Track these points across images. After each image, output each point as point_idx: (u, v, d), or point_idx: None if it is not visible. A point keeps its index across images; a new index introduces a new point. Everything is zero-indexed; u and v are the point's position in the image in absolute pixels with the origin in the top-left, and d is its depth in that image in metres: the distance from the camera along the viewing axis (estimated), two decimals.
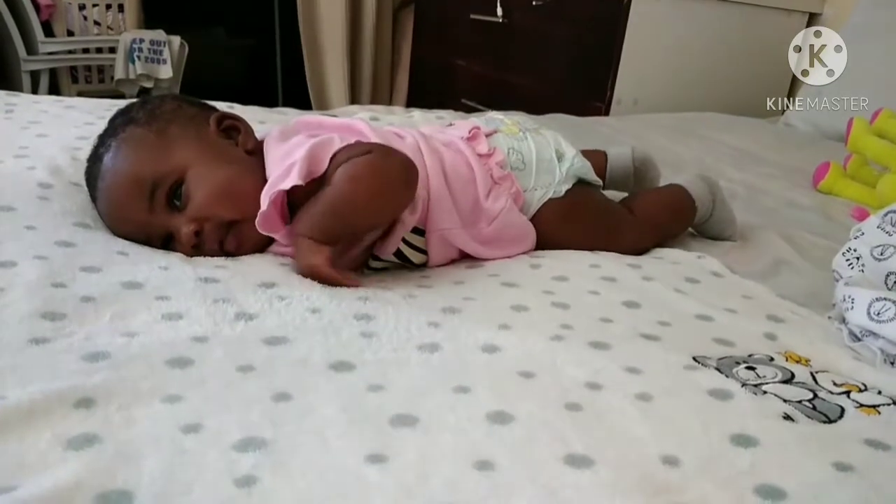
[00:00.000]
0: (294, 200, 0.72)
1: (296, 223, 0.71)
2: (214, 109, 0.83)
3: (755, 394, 0.54)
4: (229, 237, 0.73)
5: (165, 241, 0.74)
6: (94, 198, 0.77)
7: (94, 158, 0.77)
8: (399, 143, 0.79)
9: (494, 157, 0.83)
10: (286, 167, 0.71)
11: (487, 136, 0.85)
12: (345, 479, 0.42)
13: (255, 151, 0.78)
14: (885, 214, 0.77)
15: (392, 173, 0.72)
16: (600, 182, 0.92)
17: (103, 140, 0.77)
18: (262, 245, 0.75)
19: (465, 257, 0.82)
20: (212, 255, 0.72)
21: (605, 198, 0.92)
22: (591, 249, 0.83)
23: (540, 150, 0.85)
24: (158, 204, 0.73)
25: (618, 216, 0.90)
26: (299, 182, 0.69)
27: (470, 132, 0.85)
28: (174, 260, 0.69)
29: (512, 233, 0.81)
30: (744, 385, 0.55)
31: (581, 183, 0.87)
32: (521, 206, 0.83)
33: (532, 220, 0.83)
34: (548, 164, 0.85)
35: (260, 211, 0.69)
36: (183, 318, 0.58)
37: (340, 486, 0.42)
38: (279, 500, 0.40)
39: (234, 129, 0.80)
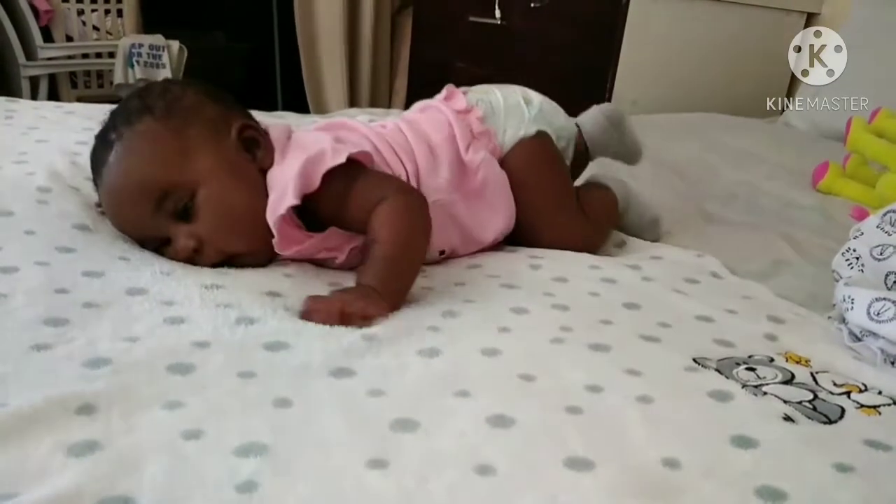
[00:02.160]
0: (308, 206, 0.72)
1: (361, 276, 0.69)
2: (238, 109, 0.79)
3: (755, 395, 0.54)
4: (226, 263, 0.72)
5: (160, 244, 0.73)
6: (97, 183, 0.75)
7: (104, 142, 0.73)
8: (382, 132, 0.83)
9: (473, 114, 0.86)
10: (282, 188, 0.71)
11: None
12: (345, 485, 0.42)
13: (269, 168, 0.75)
14: (885, 214, 0.77)
15: (423, 210, 0.73)
16: (571, 126, 0.93)
17: (115, 123, 0.74)
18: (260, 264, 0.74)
19: (465, 255, 0.83)
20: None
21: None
22: (555, 201, 0.87)
23: (507, 98, 0.89)
24: (164, 211, 0.71)
25: (573, 195, 0.92)
26: (295, 202, 0.69)
27: (447, 91, 0.89)
28: (176, 266, 0.69)
29: (495, 185, 0.84)
30: (744, 386, 0.55)
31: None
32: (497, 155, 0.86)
33: (506, 159, 0.86)
34: (515, 108, 0.89)
35: (274, 240, 0.70)
36: (185, 323, 0.58)
37: (341, 492, 0.42)
38: None
39: (254, 141, 0.76)
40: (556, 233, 0.86)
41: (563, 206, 0.88)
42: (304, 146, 0.75)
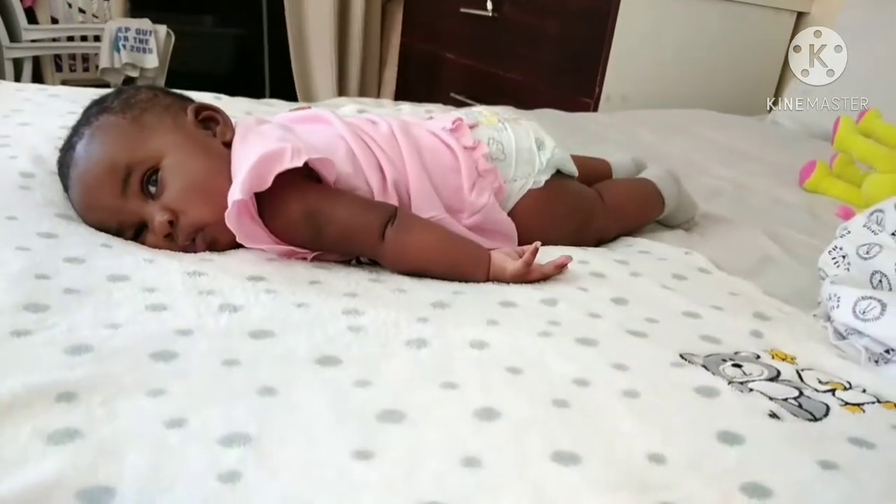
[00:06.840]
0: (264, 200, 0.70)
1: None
2: (191, 101, 0.81)
3: (741, 391, 0.54)
4: (201, 235, 0.72)
5: (137, 232, 0.72)
6: (66, 186, 0.76)
7: (67, 147, 0.76)
8: (371, 130, 0.80)
9: (479, 150, 0.83)
10: (238, 177, 0.69)
11: (471, 128, 0.85)
12: (330, 475, 0.42)
13: (231, 141, 0.77)
14: (871, 213, 0.77)
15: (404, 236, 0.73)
16: (576, 173, 0.92)
17: (76, 129, 0.76)
18: (236, 244, 0.73)
19: None
20: (184, 251, 0.71)
21: (580, 186, 0.92)
22: (564, 241, 0.84)
23: (519, 140, 0.85)
24: (132, 189, 0.71)
25: (591, 205, 0.91)
26: (242, 197, 0.67)
27: (453, 123, 0.85)
28: (159, 253, 0.68)
29: (492, 228, 0.82)
30: (730, 383, 0.55)
31: (559, 174, 0.88)
32: (502, 200, 0.83)
33: (512, 211, 0.84)
34: (527, 154, 0.85)
35: (236, 231, 0.69)
36: (167, 310, 0.58)
37: (326, 482, 0.41)
38: (263, 497, 0.40)
39: (212, 119, 0.79)
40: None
41: (578, 230, 0.87)
42: (266, 135, 0.73)
